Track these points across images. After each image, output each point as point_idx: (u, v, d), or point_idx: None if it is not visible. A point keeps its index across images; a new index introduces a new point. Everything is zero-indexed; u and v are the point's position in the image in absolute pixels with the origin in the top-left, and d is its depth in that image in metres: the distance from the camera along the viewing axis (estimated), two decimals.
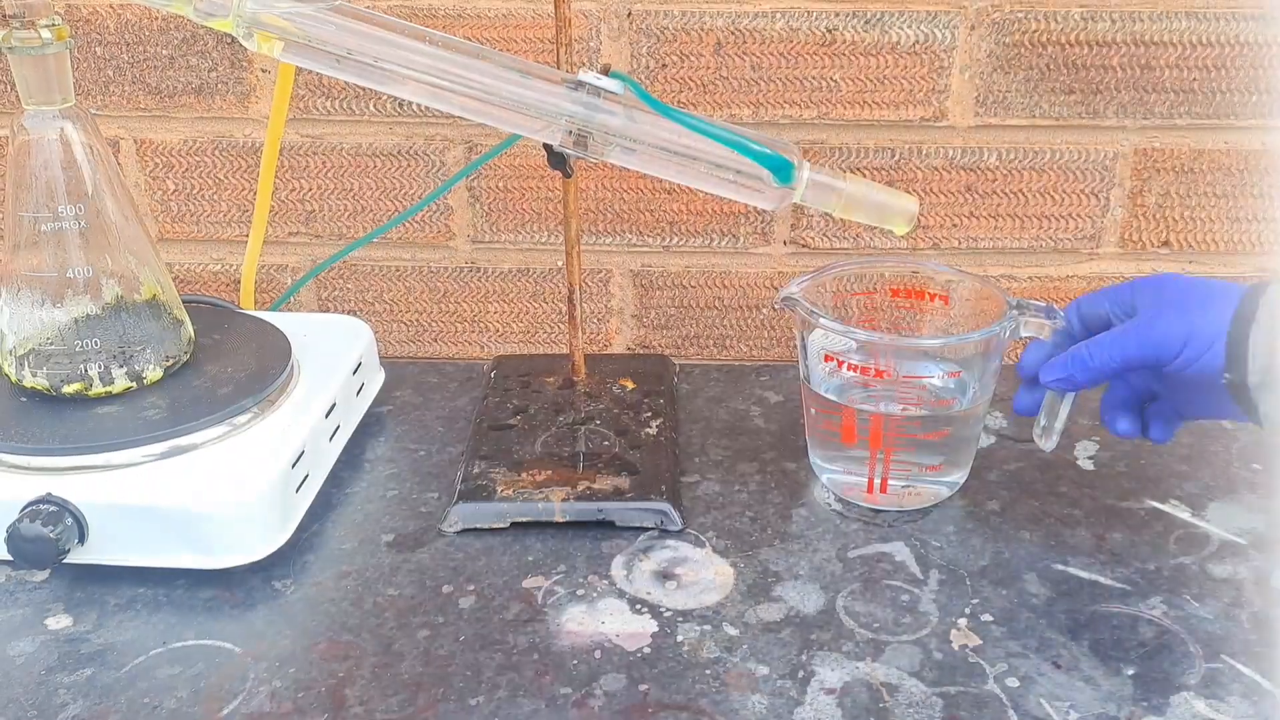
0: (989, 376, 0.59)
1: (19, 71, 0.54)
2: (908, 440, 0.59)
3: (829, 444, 0.61)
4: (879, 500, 0.60)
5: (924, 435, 0.59)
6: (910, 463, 0.59)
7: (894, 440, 0.58)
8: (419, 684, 0.48)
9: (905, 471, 0.59)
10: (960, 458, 0.61)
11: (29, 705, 0.47)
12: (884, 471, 0.59)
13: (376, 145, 0.76)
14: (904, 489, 0.60)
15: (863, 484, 0.60)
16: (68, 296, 0.57)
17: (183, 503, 0.52)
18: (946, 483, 0.61)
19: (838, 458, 0.61)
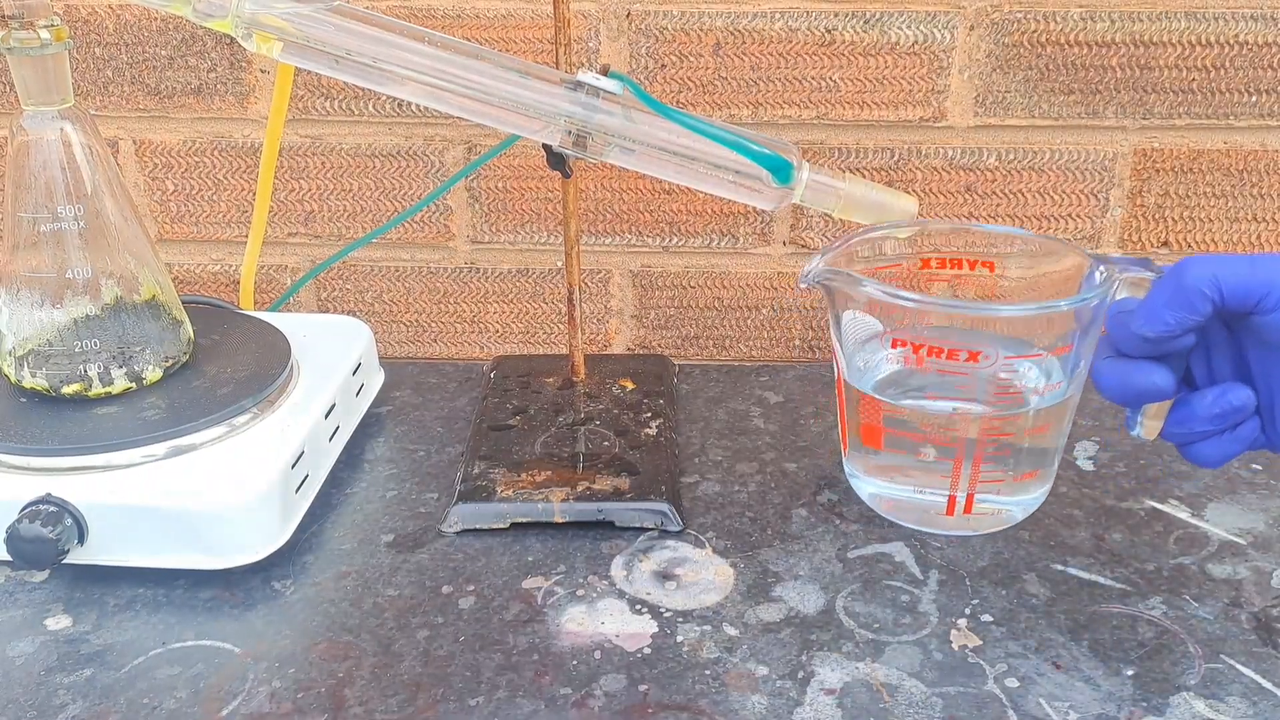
0: (1088, 351, 0.50)
1: (18, 72, 0.54)
2: (1004, 442, 0.50)
3: (892, 456, 0.52)
4: (955, 525, 0.53)
5: (1025, 434, 0.50)
6: (1002, 473, 0.51)
7: (986, 446, 0.49)
8: (418, 684, 0.48)
9: (995, 483, 0.51)
10: (1053, 459, 0.53)
11: (28, 705, 0.47)
12: (970, 486, 0.51)
13: (376, 146, 0.76)
14: (991, 506, 0.52)
15: (940, 504, 0.52)
16: (67, 297, 0.57)
17: (182, 503, 0.52)
18: (1037, 494, 0.54)
19: (901, 474, 0.53)
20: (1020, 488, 0.52)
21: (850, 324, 0.50)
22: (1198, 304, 0.43)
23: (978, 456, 0.48)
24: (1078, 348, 0.49)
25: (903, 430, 0.51)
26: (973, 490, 0.50)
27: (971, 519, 0.51)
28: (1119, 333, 0.46)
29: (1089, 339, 0.49)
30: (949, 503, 0.51)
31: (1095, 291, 0.47)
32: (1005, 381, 0.49)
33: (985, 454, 0.49)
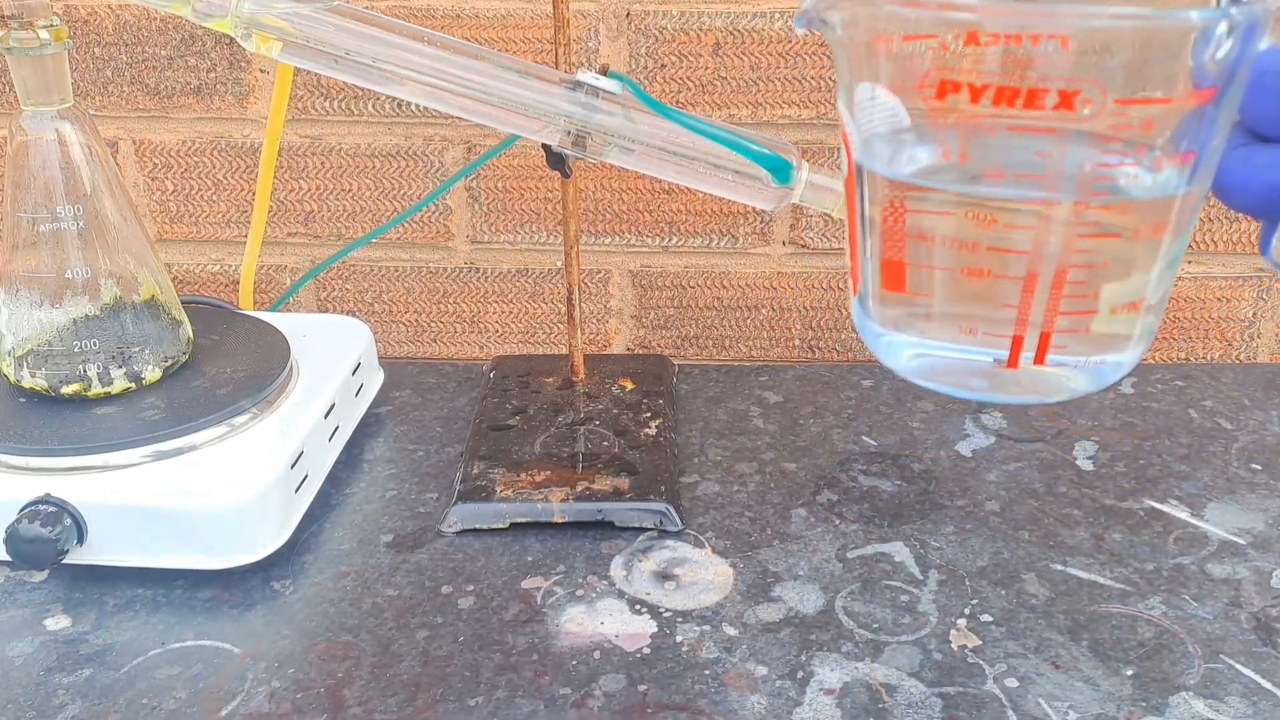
0: (1223, 127, 0.34)
1: (17, 72, 0.54)
2: (1099, 250, 0.35)
3: (936, 282, 0.37)
4: (1016, 384, 0.37)
5: (1132, 236, 0.36)
6: (1091, 301, 0.36)
7: (1073, 254, 0.35)
8: (418, 684, 0.48)
9: (1081, 315, 0.36)
10: (1163, 291, 0.38)
11: (27, 706, 0.47)
12: (1045, 321, 0.36)
13: (375, 146, 0.76)
14: (1070, 355, 0.37)
15: (1000, 351, 0.37)
16: (66, 297, 0.57)
17: (182, 503, 0.52)
18: (1128, 352, 0.38)
19: (949, 307, 0.37)
20: (1107, 340, 0.37)
21: (868, 108, 0.36)
22: None
23: (1060, 273, 0.34)
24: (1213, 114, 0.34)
25: (948, 238, 0.36)
26: (1049, 328, 0.35)
27: (1041, 375, 0.37)
28: (1266, 102, 0.33)
29: (1229, 105, 0.34)
30: (1013, 346, 0.36)
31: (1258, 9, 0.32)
32: (1105, 168, 0.34)
33: (1071, 267, 0.35)
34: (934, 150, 0.37)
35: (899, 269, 0.38)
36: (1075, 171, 0.35)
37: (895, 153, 0.37)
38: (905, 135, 0.37)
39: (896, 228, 0.37)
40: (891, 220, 0.38)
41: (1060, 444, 0.66)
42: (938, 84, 0.34)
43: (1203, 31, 0.33)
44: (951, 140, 0.36)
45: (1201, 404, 0.70)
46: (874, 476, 0.63)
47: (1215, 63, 0.33)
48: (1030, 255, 0.35)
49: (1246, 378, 0.73)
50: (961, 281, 0.37)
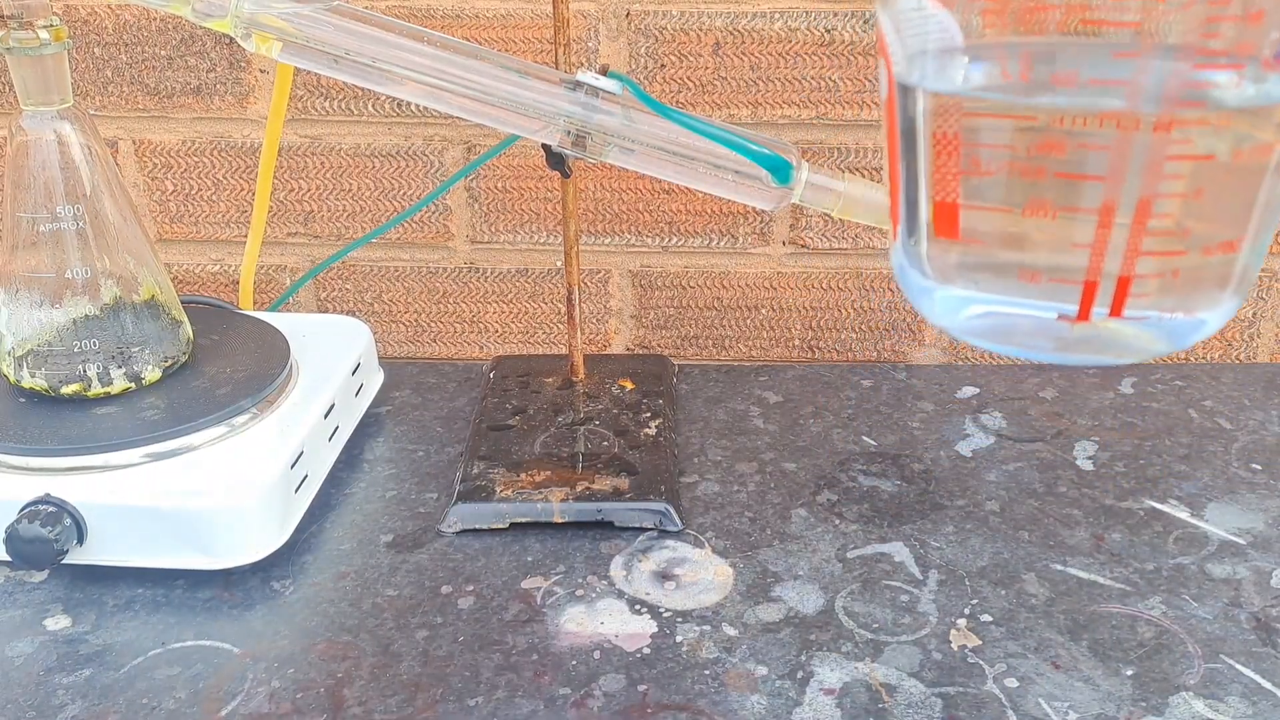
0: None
1: (17, 72, 0.54)
2: (1189, 176, 0.29)
3: (994, 222, 0.31)
4: (1086, 342, 0.31)
5: (1230, 159, 0.29)
6: (1180, 240, 0.30)
7: (1158, 179, 0.29)
8: (418, 684, 0.48)
9: (1170, 255, 0.30)
10: (1269, 227, 0.32)
11: (27, 706, 0.47)
12: (1127, 259, 0.29)
13: (375, 146, 0.76)
14: (1153, 306, 0.31)
15: (1069, 299, 0.30)
16: (66, 297, 0.57)
17: (181, 503, 0.52)
18: (1226, 293, 0.32)
19: (1010, 252, 0.31)
20: (1198, 288, 0.31)
21: (914, 20, 0.31)
22: None
23: (1143, 203, 0.28)
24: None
25: (1009, 165, 0.30)
26: (1129, 271, 0.29)
27: (1117, 332, 0.30)
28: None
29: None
30: (1084, 295, 0.29)
31: None
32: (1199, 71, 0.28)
33: (1156, 197, 0.28)
34: (991, 69, 0.31)
35: (951, 209, 0.32)
36: (1162, 77, 0.29)
37: (946, 71, 0.32)
38: (958, 54, 0.31)
39: (949, 157, 0.31)
40: (943, 148, 0.31)
41: (1060, 444, 0.66)
42: None
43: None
44: (1012, 55, 0.30)
45: (1201, 404, 0.70)
46: (874, 476, 0.63)
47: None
48: (1107, 181, 0.28)
49: (1246, 378, 0.73)
50: (1024, 220, 0.30)
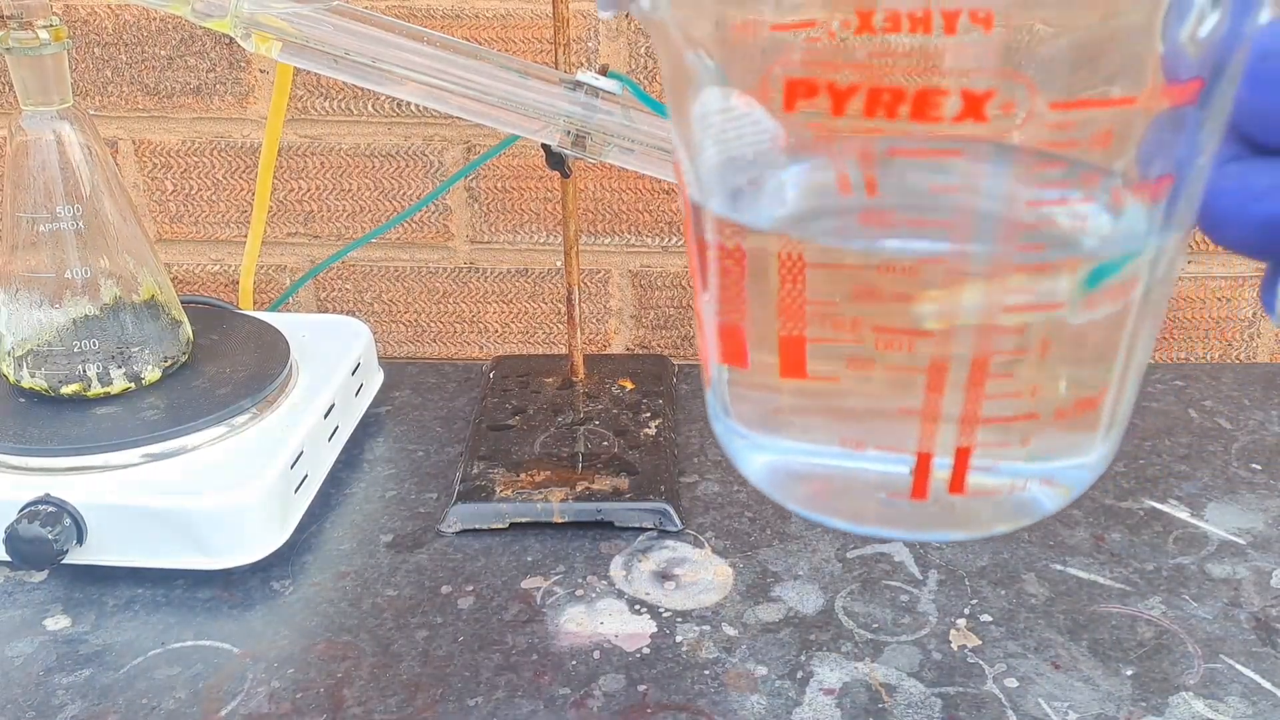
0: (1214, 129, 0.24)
1: (17, 72, 0.54)
2: (1031, 330, 0.24)
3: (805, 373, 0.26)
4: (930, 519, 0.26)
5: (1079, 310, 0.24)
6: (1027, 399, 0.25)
7: (995, 335, 0.24)
8: (417, 684, 0.48)
9: (1015, 421, 0.25)
10: (1136, 370, 0.27)
11: (27, 706, 0.47)
12: (964, 427, 0.25)
13: (375, 146, 0.76)
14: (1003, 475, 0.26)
15: (897, 474, 0.25)
16: (66, 297, 0.57)
17: (181, 503, 0.52)
18: (1092, 454, 0.28)
19: (823, 409, 0.26)
20: (1056, 449, 0.27)
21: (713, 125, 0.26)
22: None
23: (980, 362, 0.24)
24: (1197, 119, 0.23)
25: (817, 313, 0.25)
26: (969, 441, 0.25)
27: (964, 506, 0.26)
28: (1267, 98, 0.23)
29: (1219, 104, 0.23)
30: (918, 468, 0.25)
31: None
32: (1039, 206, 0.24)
33: (994, 355, 0.24)
34: (804, 185, 0.26)
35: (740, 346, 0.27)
36: (994, 213, 0.24)
37: (748, 187, 0.27)
38: (764, 163, 0.26)
39: (735, 290, 0.26)
40: (730, 280, 0.26)
41: None
42: (784, 86, 0.23)
43: None
44: (821, 170, 0.26)
45: (1201, 404, 0.70)
46: None
47: (1197, 44, 0.22)
48: (935, 338, 0.24)
49: (1246, 378, 0.73)
50: (842, 374, 0.25)
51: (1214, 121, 0.24)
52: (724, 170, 0.27)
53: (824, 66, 0.23)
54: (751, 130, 0.25)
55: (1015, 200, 0.24)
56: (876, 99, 0.22)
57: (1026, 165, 0.24)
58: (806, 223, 0.26)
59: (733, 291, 0.27)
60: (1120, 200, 0.24)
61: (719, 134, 0.26)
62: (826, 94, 0.23)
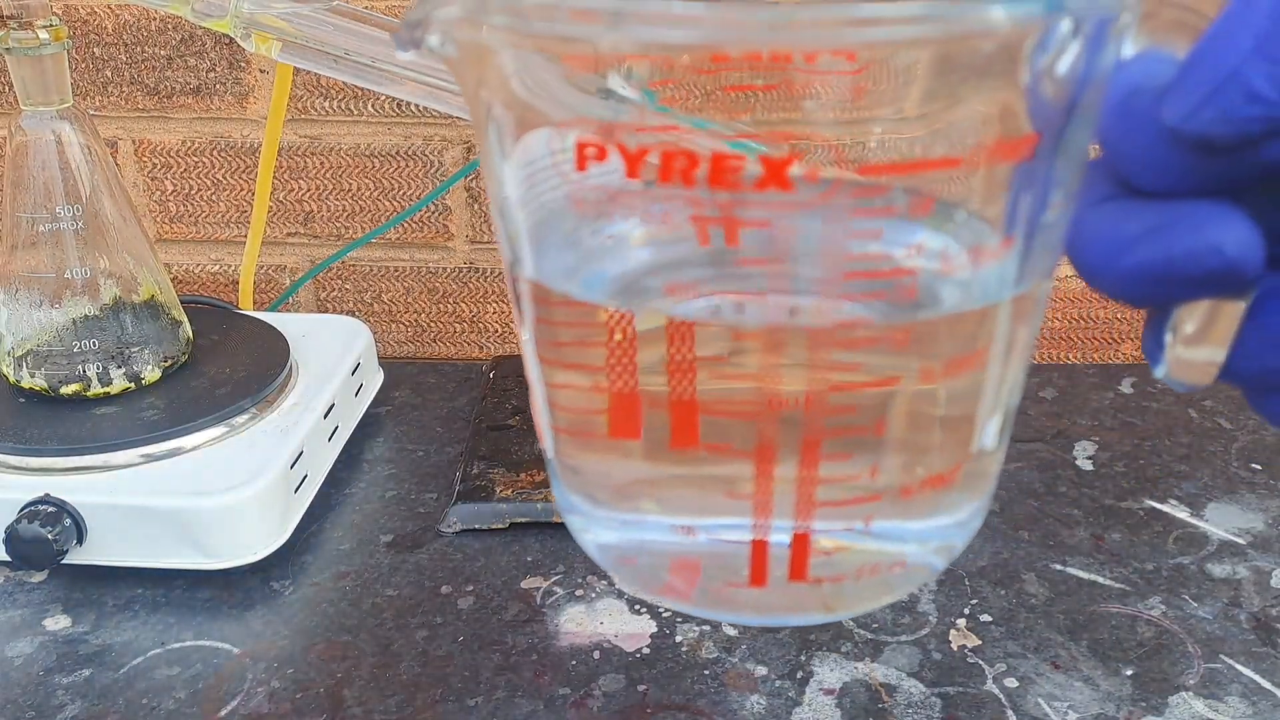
0: (1067, 186, 0.22)
1: (16, 72, 0.54)
2: (863, 408, 0.22)
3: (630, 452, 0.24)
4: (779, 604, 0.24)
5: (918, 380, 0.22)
6: (868, 477, 0.23)
7: (824, 413, 0.21)
8: (417, 684, 0.48)
9: (856, 504, 0.23)
10: (992, 450, 0.25)
11: (27, 706, 0.47)
12: (800, 510, 0.22)
13: (375, 145, 0.76)
14: (848, 559, 0.24)
15: (735, 557, 0.23)
16: (66, 297, 0.57)
17: (181, 503, 0.52)
18: (962, 513, 0.25)
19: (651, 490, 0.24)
20: (924, 504, 0.24)
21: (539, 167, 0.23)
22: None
23: (809, 441, 0.21)
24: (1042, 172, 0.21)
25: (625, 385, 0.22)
26: (805, 527, 0.22)
27: (808, 593, 0.23)
28: (1134, 137, 0.21)
29: (1071, 150, 0.22)
30: (754, 556, 0.23)
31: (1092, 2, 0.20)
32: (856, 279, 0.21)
33: (827, 431, 0.22)
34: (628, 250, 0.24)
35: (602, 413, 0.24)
36: (809, 278, 0.22)
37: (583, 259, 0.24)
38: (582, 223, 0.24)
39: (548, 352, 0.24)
40: (544, 341, 0.24)
41: (1060, 444, 0.66)
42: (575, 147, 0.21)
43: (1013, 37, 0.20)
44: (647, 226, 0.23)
45: (1201, 404, 0.70)
46: None
47: (1055, 82, 0.21)
48: (757, 419, 0.21)
49: None
50: (660, 455, 0.23)
51: (1065, 168, 0.22)
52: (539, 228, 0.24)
53: (616, 129, 0.21)
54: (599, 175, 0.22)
55: (827, 267, 0.22)
56: (670, 163, 0.20)
57: (842, 223, 0.21)
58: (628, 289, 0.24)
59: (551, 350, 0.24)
60: (953, 261, 0.22)
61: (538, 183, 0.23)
62: (618, 155, 0.21)
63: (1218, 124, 0.19)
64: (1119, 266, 0.21)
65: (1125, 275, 0.21)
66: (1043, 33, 0.20)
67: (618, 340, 0.22)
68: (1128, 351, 0.80)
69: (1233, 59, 0.19)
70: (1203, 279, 0.20)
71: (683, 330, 0.21)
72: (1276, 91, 0.19)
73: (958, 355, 0.22)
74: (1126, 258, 0.21)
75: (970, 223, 0.22)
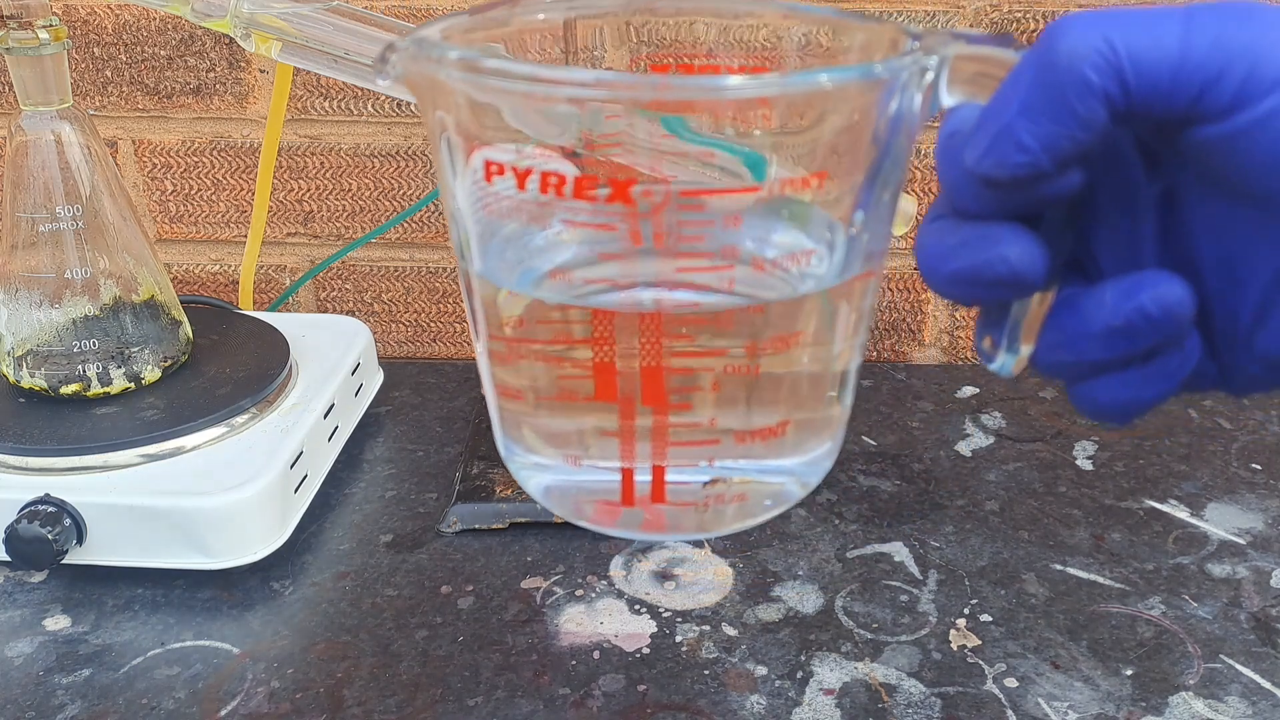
0: (880, 204, 0.29)
1: (16, 72, 0.54)
2: (701, 372, 0.29)
3: (536, 401, 0.31)
4: (647, 521, 0.31)
5: (741, 360, 0.29)
6: (711, 429, 0.29)
7: (674, 377, 0.28)
8: (417, 684, 0.48)
9: (707, 447, 0.29)
10: (819, 408, 0.31)
11: (27, 706, 0.47)
12: (655, 451, 0.29)
13: (374, 145, 0.76)
14: (706, 489, 0.30)
15: (611, 486, 0.30)
16: (66, 297, 0.57)
17: (181, 503, 0.52)
18: (788, 468, 0.31)
19: (556, 430, 0.31)
20: (762, 447, 0.30)
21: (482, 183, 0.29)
22: (1080, 105, 0.24)
23: (659, 398, 0.28)
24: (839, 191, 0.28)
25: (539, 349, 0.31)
26: (660, 459, 0.29)
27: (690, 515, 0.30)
28: (951, 171, 0.27)
29: (882, 175, 0.28)
30: (623, 481, 0.30)
31: (893, 66, 0.26)
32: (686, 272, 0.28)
33: (670, 390, 0.28)
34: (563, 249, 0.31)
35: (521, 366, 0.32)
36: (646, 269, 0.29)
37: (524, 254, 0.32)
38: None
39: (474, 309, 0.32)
40: (502, 324, 0.32)
41: (1060, 444, 0.66)
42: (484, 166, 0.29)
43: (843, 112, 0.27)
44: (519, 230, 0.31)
45: (1201, 404, 0.70)
46: (873, 476, 0.63)
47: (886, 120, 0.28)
48: (612, 369, 0.28)
49: None
50: (554, 395, 0.31)
51: (886, 183, 0.29)
52: (499, 233, 0.31)
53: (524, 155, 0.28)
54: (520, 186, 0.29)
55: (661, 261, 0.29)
56: (545, 180, 0.27)
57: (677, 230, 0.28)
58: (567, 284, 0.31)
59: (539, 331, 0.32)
60: (762, 266, 0.30)
61: (484, 194, 0.30)
62: (511, 174, 0.28)
63: (996, 168, 0.25)
64: (942, 271, 0.27)
65: (947, 278, 0.27)
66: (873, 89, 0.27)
67: (533, 322, 0.31)
68: None
69: (1005, 118, 0.25)
70: (996, 283, 0.26)
71: (571, 313, 0.30)
72: (1037, 143, 0.24)
73: (780, 333, 0.29)
74: (948, 264, 0.27)
75: (796, 230, 0.30)
